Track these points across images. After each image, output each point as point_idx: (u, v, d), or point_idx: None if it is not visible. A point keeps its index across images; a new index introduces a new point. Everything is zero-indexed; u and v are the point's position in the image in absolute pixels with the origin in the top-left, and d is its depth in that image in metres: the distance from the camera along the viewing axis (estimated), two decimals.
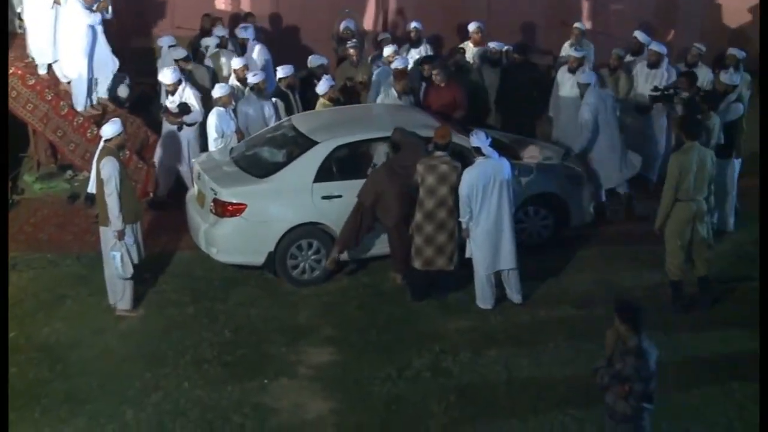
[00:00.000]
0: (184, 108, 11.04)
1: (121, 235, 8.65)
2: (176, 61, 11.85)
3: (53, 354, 8.29)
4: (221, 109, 10.53)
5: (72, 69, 11.48)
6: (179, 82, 11.02)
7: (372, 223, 9.38)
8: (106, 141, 8.82)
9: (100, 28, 11.46)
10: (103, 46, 11.60)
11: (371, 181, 9.34)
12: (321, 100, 11.13)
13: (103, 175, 8.53)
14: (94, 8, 11.26)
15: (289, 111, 11.23)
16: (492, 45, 12.58)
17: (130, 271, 8.80)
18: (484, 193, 8.78)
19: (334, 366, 8.22)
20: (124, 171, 8.72)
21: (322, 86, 11.08)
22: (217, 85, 10.77)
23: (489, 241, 8.92)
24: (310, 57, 12.08)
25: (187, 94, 11.07)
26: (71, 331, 8.68)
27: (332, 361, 8.29)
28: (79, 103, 11.64)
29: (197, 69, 11.98)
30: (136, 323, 8.89)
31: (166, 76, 11.03)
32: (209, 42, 12.48)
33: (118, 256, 8.71)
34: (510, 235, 8.97)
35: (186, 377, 7.98)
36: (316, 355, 8.36)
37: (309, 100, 11.48)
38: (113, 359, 8.27)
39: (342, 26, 13.36)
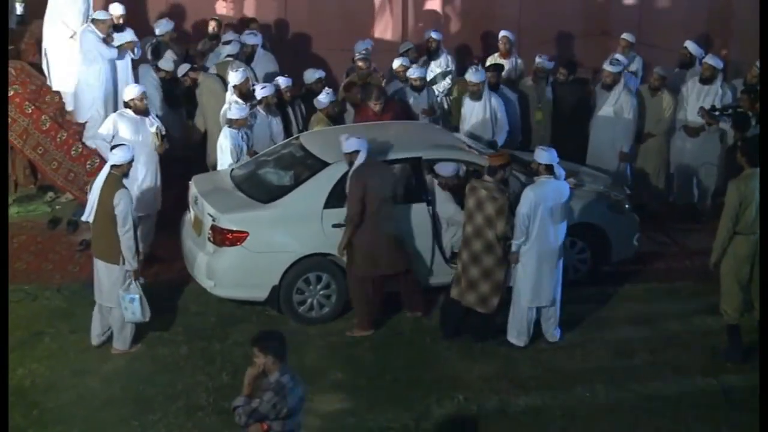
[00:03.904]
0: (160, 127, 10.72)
1: (137, 275, 8.74)
2: (184, 75, 12.01)
3: (28, 398, 8.23)
4: (233, 130, 10.51)
5: (86, 107, 11.50)
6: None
7: (382, 288, 9.46)
8: (114, 167, 8.79)
9: (122, 66, 11.54)
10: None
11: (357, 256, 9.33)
12: (318, 115, 11.19)
13: (119, 212, 8.51)
14: (115, 44, 11.36)
15: (287, 127, 11.34)
16: (539, 61, 12.59)
17: (148, 314, 8.85)
18: (543, 215, 8.84)
19: (343, 414, 8.17)
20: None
21: (322, 100, 11.14)
22: (235, 106, 10.67)
23: (538, 270, 8.97)
24: (305, 72, 12.08)
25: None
26: (49, 372, 8.65)
27: (342, 409, 8.25)
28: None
29: (208, 78, 11.89)
30: (121, 364, 8.84)
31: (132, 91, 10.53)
32: (228, 50, 12.31)
33: (137, 300, 8.72)
34: (559, 266, 9.07)
35: (177, 426, 7.92)
36: (324, 402, 8.27)
37: (308, 118, 11.57)
38: (95, 404, 8.22)
39: (359, 47, 13.08)
